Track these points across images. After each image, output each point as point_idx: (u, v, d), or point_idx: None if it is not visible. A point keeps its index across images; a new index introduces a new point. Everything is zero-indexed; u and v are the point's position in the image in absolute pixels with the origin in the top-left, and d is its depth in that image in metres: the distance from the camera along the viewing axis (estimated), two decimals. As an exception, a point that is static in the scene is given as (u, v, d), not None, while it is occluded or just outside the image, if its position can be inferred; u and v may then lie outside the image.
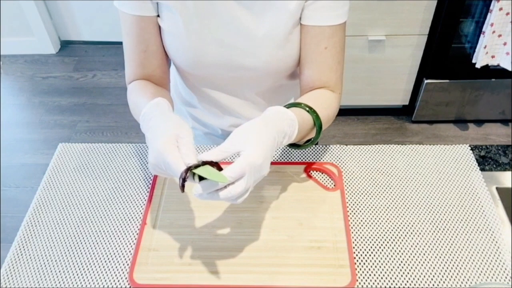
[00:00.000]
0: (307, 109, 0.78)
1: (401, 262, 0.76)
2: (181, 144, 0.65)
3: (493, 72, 1.95)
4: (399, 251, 0.77)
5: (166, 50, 0.87)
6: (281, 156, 0.93)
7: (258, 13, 0.80)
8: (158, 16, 0.83)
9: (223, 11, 0.79)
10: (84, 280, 0.75)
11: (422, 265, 0.75)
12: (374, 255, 0.77)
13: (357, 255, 0.77)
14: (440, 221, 0.81)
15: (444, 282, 0.73)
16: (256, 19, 0.80)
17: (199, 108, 1.01)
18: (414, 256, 0.76)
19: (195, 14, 0.79)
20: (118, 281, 0.75)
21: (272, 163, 0.85)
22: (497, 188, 0.87)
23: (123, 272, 0.76)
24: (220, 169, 0.64)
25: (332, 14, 0.80)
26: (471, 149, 0.93)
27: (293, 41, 0.83)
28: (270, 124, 0.70)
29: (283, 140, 0.71)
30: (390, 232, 0.80)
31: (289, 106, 0.79)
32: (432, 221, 0.81)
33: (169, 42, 0.85)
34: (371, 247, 0.78)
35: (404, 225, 0.81)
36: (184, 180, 0.61)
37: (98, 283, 0.74)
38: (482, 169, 0.90)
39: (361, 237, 0.79)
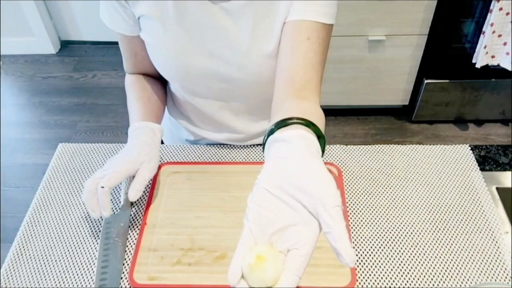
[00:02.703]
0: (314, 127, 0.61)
1: (401, 262, 0.76)
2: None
3: (493, 72, 1.95)
4: (399, 251, 0.77)
5: (153, 63, 0.87)
6: (281, 156, 0.93)
7: (244, 23, 0.77)
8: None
9: (207, 21, 0.78)
10: (84, 280, 0.75)
11: (422, 265, 0.75)
12: (374, 255, 0.77)
13: (357, 255, 0.77)
14: (440, 221, 0.81)
15: (444, 282, 0.73)
16: (243, 27, 0.78)
17: (194, 122, 1.00)
18: (414, 256, 0.76)
19: (177, 24, 0.78)
20: (118, 281, 0.75)
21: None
22: (497, 188, 0.87)
23: (123, 272, 0.76)
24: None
25: (316, 11, 0.74)
26: (471, 149, 0.93)
27: None
28: (317, 155, 0.56)
29: None
30: (390, 232, 0.80)
31: (286, 123, 0.60)
32: (432, 221, 0.81)
33: (153, 54, 0.85)
34: (371, 247, 0.78)
35: (404, 225, 0.81)
36: None
37: (98, 283, 0.74)
38: (482, 169, 0.90)
39: (361, 237, 0.79)
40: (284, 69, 0.75)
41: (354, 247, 0.78)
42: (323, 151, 0.60)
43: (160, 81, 0.97)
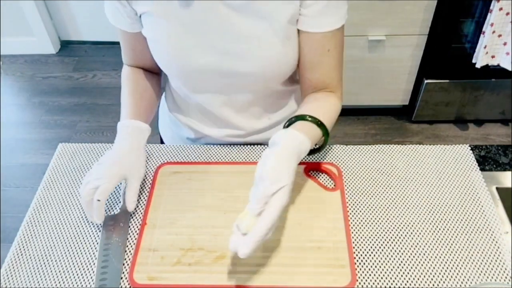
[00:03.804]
0: (319, 123, 0.79)
1: (401, 262, 0.76)
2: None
3: (493, 72, 1.95)
4: (399, 251, 0.77)
5: (154, 58, 0.88)
6: (281, 156, 0.93)
7: (250, 15, 0.78)
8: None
9: (211, 17, 0.78)
10: (84, 280, 0.75)
11: (422, 265, 0.75)
12: (374, 255, 0.77)
13: (357, 255, 0.77)
14: (440, 221, 0.81)
15: (444, 282, 0.73)
16: (248, 21, 0.78)
17: (195, 119, 1.00)
18: (414, 256, 0.76)
19: (180, 21, 0.79)
20: (118, 281, 0.75)
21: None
22: (497, 188, 0.87)
23: (123, 272, 0.76)
24: None
25: (333, 20, 0.80)
26: (471, 149, 0.93)
27: (289, 44, 0.82)
28: (292, 156, 0.72)
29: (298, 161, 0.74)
30: (390, 232, 0.80)
31: (300, 118, 0.79)
32: (432, 221, 0.81)
33: (156, 51, 0.85)
34: (371, 247, 0.78)
35: (404, 225, 0.81)
36: None
37: (98, 283, 0.74)
38: (482, 169, 0.90)
39: (361, 237, 0.79)
40: (309, 79, 0.87)
41: (354, 247, 0.78)
42: (325, 142, 0.82)
43: (156, 75, 0.99)
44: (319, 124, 0.79)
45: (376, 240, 0.79)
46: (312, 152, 0.83)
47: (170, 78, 0.96)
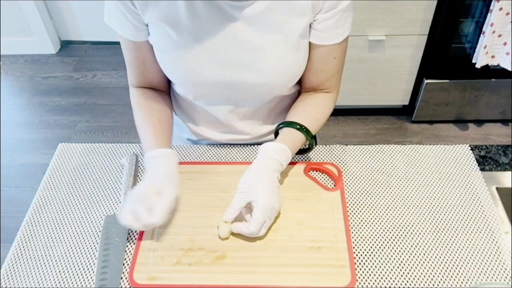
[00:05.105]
0: (298, 127, 0.85)
1: (401, 262, 0.76)
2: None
3: (493, 72, 1.95)
4: (399, 251, 0.77)
5: (163, 69, 0.86)
6: (281, 156, 0.93)
7: (261, 28, 0.78)
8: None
9: (220, 29, 0.77)
10: (84, 280, 0.75)
11: (422, 265, 0.75)
12: (374, 255, 0.77)
13: (357, 255, 0.77)
14: (440, 221, 0.81)
15: (444, 282, 0.73)
16: (259, 34, 0.78)
17: (199, 124, 1.00)
18: (414, 256, 0.76)
19: (188, 31, 0.78)
20: (118, 281, 0.75)
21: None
22: (497, 188, 0.87)
23: (123, 272, 0.76)
24: None
25: (341, 31, 0.82)
26: (471, 149, 0.93)
27: (299, 55, 0.83)
28: (269, 166, 0.80)
29: (282, 170, 0.81)
30: (390, 232, 0.80)
31: (283, 125, 0.87)
32: (432, 221, 0.81)
33: (162, 60, 0.84)
34: (371, 247, 0.78)
35: (404, 225, 0.81)
36: None
37: (98, 283, 0.74)
38: (482, 169, 0.90)
39: (361, 237, 0.79)
40: (310, 81, 0.90)
41: (354, 247, 0.78)
42: (311, 145, 0.87)
43: (166, 94, 0.96)
44: (304, 130, 0.85)
45: (376, 240, 0.79)
46: (301, 152, 0.90)
47: (174, 85, 0.95)
